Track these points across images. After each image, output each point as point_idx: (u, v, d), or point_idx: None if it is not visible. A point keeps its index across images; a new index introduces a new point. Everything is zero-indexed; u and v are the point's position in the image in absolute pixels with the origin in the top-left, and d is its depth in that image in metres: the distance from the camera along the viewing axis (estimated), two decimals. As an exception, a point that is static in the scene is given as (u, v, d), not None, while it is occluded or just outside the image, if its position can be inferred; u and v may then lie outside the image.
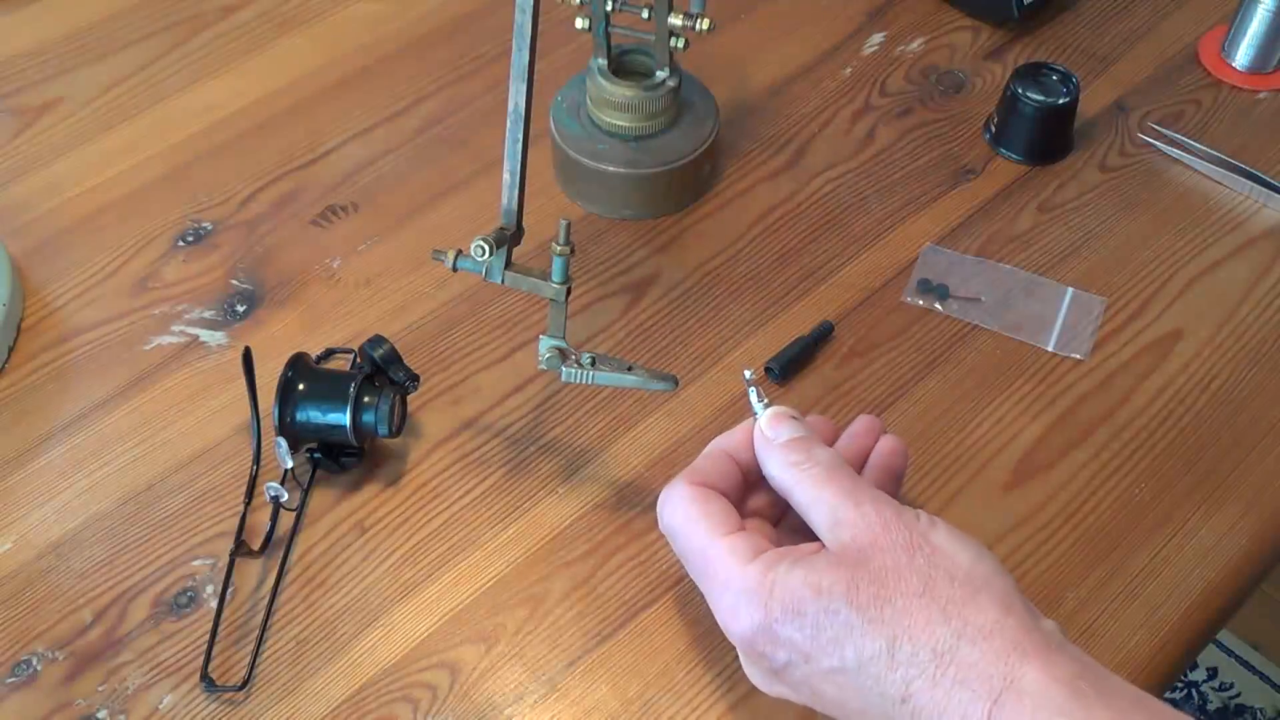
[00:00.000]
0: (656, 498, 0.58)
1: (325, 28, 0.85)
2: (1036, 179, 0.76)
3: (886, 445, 0.55)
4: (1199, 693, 1.46)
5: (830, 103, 0.80)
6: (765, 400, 0.53)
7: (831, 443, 0.54)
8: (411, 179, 0.76)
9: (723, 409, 0.65)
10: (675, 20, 0.66)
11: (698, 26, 0.66)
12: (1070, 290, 0.70)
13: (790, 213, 0.74)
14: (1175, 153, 0.77)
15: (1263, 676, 1.47)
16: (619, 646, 0.57)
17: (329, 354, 0.66)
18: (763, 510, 0.53)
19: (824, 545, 0.47)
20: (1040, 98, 0.74)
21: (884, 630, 0.44)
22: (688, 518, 0.50)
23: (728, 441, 0.53)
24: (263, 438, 0.61)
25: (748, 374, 0.55)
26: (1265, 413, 0.65)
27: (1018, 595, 0.45)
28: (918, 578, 0.45)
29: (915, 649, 0.44)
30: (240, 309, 0.69)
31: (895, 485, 0.55)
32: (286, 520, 0.60)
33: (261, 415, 0.61)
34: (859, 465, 0.54)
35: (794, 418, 0.52)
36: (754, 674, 0.49)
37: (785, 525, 0.54)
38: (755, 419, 0.52)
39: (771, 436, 0.51)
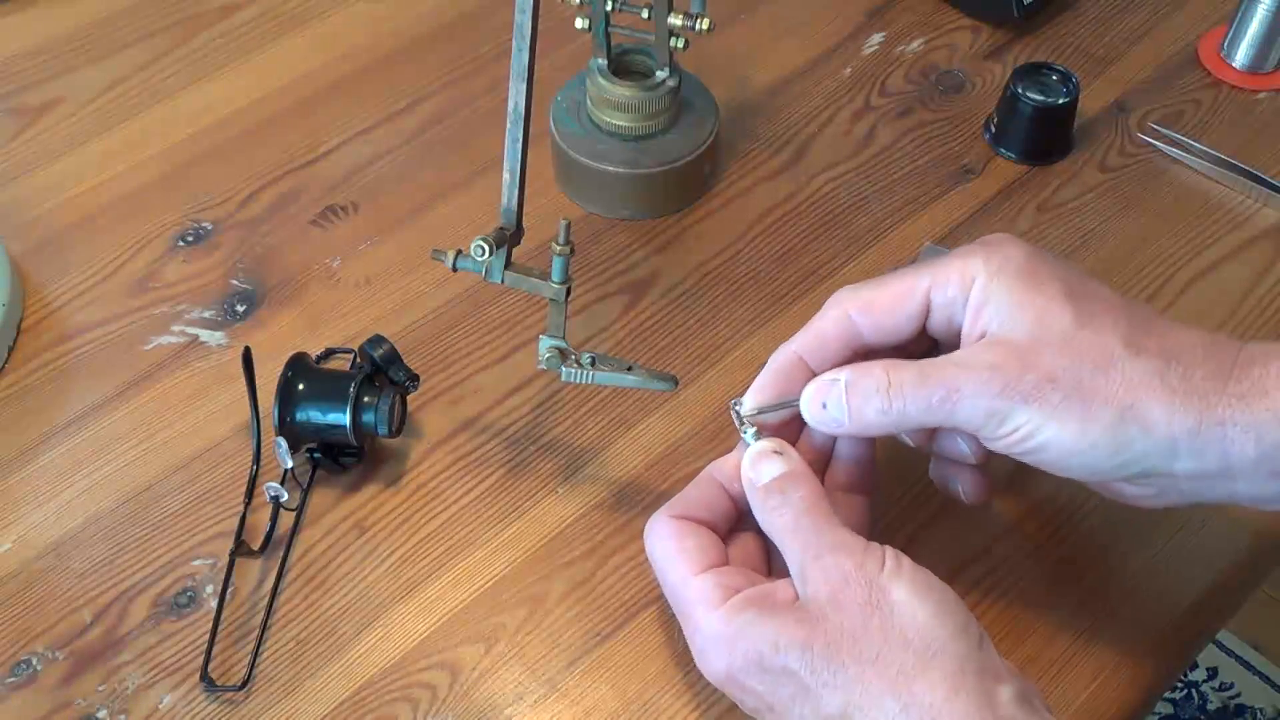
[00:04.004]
0: (656, 498, 0.57)
1: (325, 28, 0.85)
2: (1036, 179, 0.76)
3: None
4: (1199, 693, 1.46)
5: (830, 103, 0.80)
6: (754, 431, 0.52)
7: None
8: (411, 179, 0.76)
9: (722, 410, 0.65)
10: (675, 20, 0.66)
11: (698, 26, 0.66)
12: (1070, 290, 0.70)
13: (790, 213, 0.74)
14: (1175, 153, 0.77)
15: (1263, 676, 1.47)
16: (619, 646, 0.57)
17: (329, 354, 0.66)
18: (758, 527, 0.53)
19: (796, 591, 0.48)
20: (1040, 98, 0.74)
21: (838, 694, 0.45)
22: (665, 555, 0.51)
23: (720, 469, 0.53)
24: (263, 438, 0.61)
25: (735, 406, 0.53)
26: (1265, 413, 0.65)
27: (975, 659, 0.45)
28: (871, 643, 0.45)
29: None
30: (240, 309, 0.69)
31: (865, 475, 0.54)
32: (286, 520, 0.60)
33: (261, 415, 0.61)
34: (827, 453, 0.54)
35: (777, 453, 0.51)
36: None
37: None
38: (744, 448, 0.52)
39: (753, 478, 0.51)
